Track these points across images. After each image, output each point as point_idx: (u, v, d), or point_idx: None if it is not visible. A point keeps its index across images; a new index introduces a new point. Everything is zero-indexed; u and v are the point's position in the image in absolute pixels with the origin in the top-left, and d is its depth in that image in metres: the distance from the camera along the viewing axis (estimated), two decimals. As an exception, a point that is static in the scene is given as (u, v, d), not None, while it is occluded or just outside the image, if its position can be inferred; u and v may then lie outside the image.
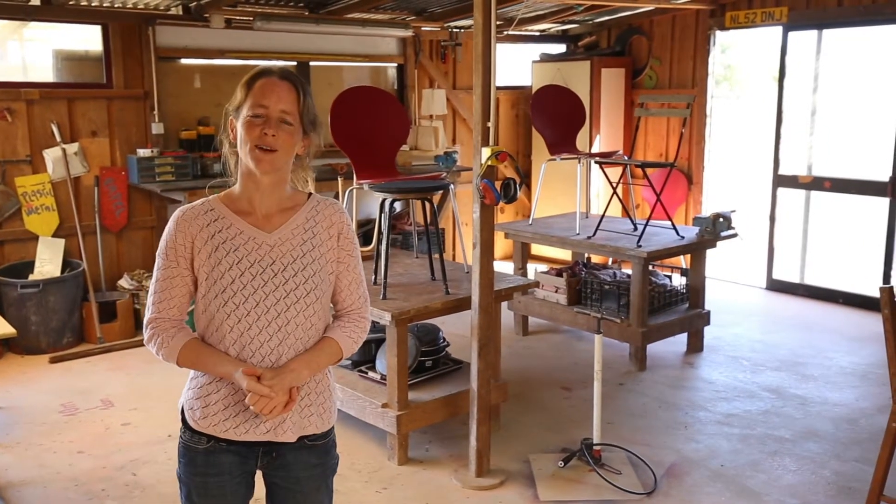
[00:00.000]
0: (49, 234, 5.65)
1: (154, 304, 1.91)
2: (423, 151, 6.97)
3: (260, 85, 1.85)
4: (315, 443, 2.00)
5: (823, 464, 3.81)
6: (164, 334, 1.89)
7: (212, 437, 1.92)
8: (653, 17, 7.52)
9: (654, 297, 5.23)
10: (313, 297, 1.91)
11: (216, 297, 1.87)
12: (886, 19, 6.07)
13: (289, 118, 1.86)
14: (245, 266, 1.87)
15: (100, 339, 5.52)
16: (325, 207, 1.99)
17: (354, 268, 2.02)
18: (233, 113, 1.91)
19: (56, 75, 5.86)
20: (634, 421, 4.32)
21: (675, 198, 7.43)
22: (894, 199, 6.05)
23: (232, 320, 1.87)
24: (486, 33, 3.25)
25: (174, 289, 1.89)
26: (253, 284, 1.87)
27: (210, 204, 1.93)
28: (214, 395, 1.91)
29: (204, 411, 1.91)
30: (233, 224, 1.90)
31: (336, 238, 1.97)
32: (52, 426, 4.26)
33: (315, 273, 1.92)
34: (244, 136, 1.85)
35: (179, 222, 1.89)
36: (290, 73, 1.90)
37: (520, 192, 3.51)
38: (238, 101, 1.89)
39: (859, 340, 5.60)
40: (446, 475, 3.73)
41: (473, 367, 3.62)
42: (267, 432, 1.91)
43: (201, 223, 1.89)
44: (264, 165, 1.85)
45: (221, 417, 1.90)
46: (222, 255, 1.87)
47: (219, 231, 1.89)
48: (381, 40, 7.12)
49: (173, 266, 1.89)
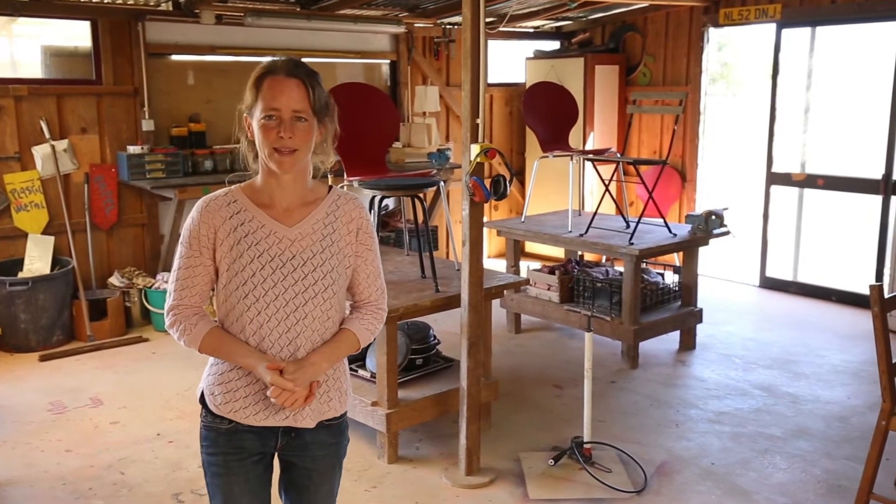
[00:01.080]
0: (38, 231, 5.62)
1: (176, 291, 1.93)
2: (416, 148, 6.95)
3: (268, 85, 1.86)
4: (332, 422, 2.05)
5: (814, 462, 3.80)
6: (186, 321, 1.92)
7: (232, 421, 1.96)
8: (647, 14, 7.50)
9: (647, 294, 5.22)
10: (331, 292, 1.95)
11: (237, 288, 1.90)
12: (880, 16, 6.06)
13: (302, 115, 1.87)
14: (266, 259, 1.90)
15: (90, 337, 5.49)
16: (345, 203, 2.02)
17: (372, 261, 2.06)
18: (246, 111, 1.92)
19: (45, 71, 5.82)
20: (626, 419, 4.31)
21: (669, 195, 7.42)
22: (887, 196, 6.04)
23: (252, 312, 1.90)
24: (474, 29, 3.22)
25: (196, 277, 1.92)
26: (273, 278, 1.90)
27: (233, 195, 1.95)
28: (235, 383, 1.95)
29: (225, 397, 1.95)
30: (255, 217, 1.92)
31: (355, 234, 2.01)
32: (40, 425, 4.23)
33: (333, 268, 1.96)
34: (262, 140, 1.87)
35: (203, 212, 1.91)
36: (296, 68, 1.89)
37: (510, 189, 3.49)
38: (249, 102, 1.90)
39: (852, 338, 5.59)
40: (436, 474, 3.71)
41: (463, 365, 3.60)
42: (286, 418, 1.96)
43: (225, 215, 1.91)
44: (285, 166, 1.88)
45: (242, 405, 1.94)
46: (244, 247, 1.89)
47: (241, 224, 1.91)
48: (373, 37, 7.09)
49: (196, 255, 1.91)
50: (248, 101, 1.90)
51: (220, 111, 6.24)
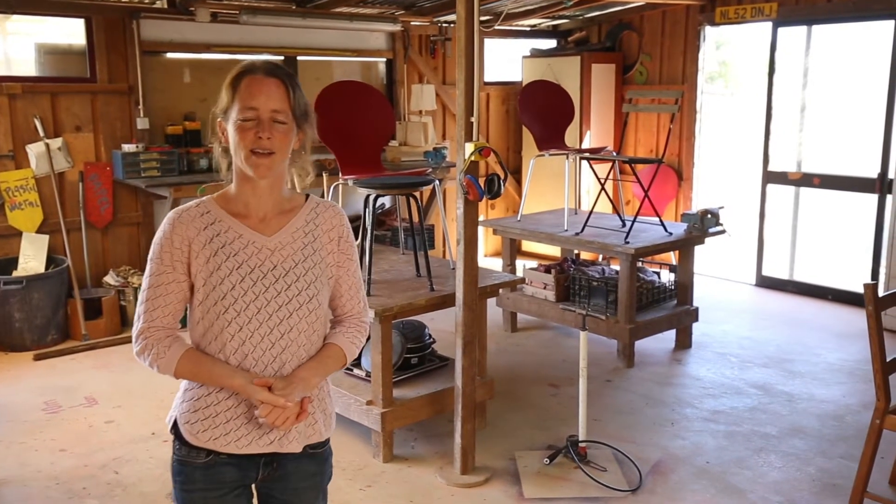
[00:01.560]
0: (33, 230, 5.60)
1: (146, 313, 1.79)
2: (412, 147, 6.94)
3: (246, 84, 1.77)
4: (315, 451, 1.94)
5: (809, 460, 3.80)
6: (158, 345, 1.79)
7: (211, 451, 1.83)
8: (643, 13, 7.50)
9: (643, 293, 5.22)
10: (316, 303, 1.85)
11: (215, 303, 1.78)
12: (875, 15, 6.06)
13: (281, 117, 1.78)
14: (245, 271, 1.79)
15: (84, 336, 5.47)
16: (325, 210, 1.92)
17: (354, 272, 1.96)
18: (221, 115, 1.82)
19: (39, 69, 5.79)
20: (621, 418, 4.30)
21: (665, 194, 7.42)
22: (882, 195, 6.05)
23: (233, 328, 1.78)
24: (468, 27, 3.21)
25: (169, 295, 1.79)
26: (254, 290, 1.79)
27: (205, 206, 1.84)
28: (214, 408, 1.82)
29: (203, 424, 1.81)
30: (230, 227, 1.81)
31: (337, 242, 1.91)
32: (35, 424, 4.22)
33: (317, 278, 1.86)
34: (238, 142, 1.77)
35: (176, 224, 1.79)
36: (276, 68, 1.82)
37: (504, 188, 3.48)
38: (225, 103, 1.80)
39: (847, 337, 5.59)
40: (431, 473, 3.70)
41: (458, 364, 3.59)
42: (271, 443, 1.84)
43: (198, 226, 1.80)
44: (262, 170, 1.77)
45: (222, 431, 1.81)
46: (221, 259, 1.78)
47: (216, 235, 1.80)
48: (369, 35, 7.08)
49: (168, 271, 1.78)
50: (224, 103, 1.80)
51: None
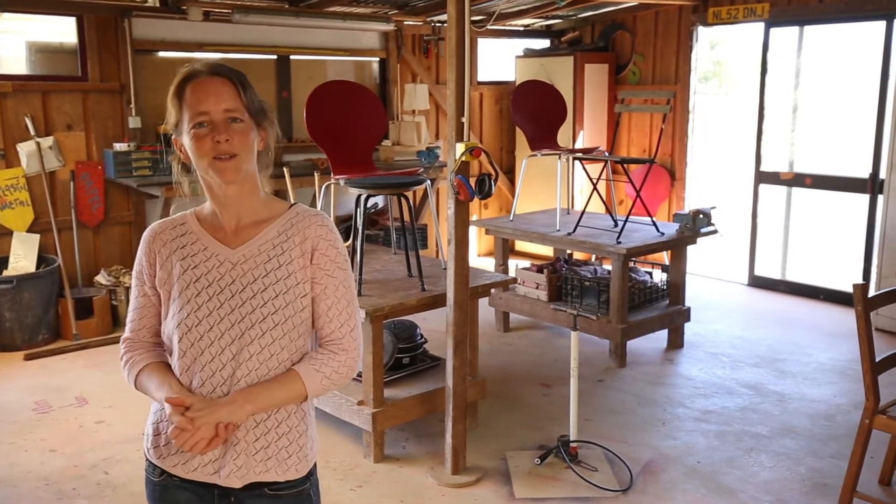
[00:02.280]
0: (24, 229, 5.58)
1: (128, 324, 1.81)
2: (405, 147, 6.93)
3: (191, 90, 1.64)
4: (279, 492, 1.72)
5: (799, 460, 3.81)
6: (131, 354, 1.77)
7: (164, 472, 1.74)
8: (636, 13, 7.50)
9: (635, 293, 5.22)
10: (271, 323, 1.66)
11: (171, 317, 1.70)
12: (867, 16, 6.07)
13: (236, 115, 1.65)
14: (203, 285, 1.67)
15: (76, 335, 5.46)
16: (302, 220, 1.73)
17: (335, 290, 1.73)
18: (174, 131, 1.70)
19: (30, 68, 5.77)
20: (613, 418, 4.31)
21: (658, 194, 7.43)
22: (874, 195, 6.06)
23: (184, 344, 1.67)
24: (459, 27, 3.21)
25: (142, 308, 1.77)
26: (208, 306, 1.66)
27: (184, 218, 1.78)
28: (162, 424, 1.72)
29: (154, 440, 1.74)
30: (199, 240, 1.72)
31: (309, 255, 1.71)
32: (25, 424, 4.20)
33: (278, 295, 1.67)
34: (196, 153, 1.64)
35: (145, 239, 1.77)
36: (219, 67, 1.70)
37: (495, 188, 3.48)
38: (174, 118, 1.67)
39: (839, 337, 5.61)
40: (422, 473, 3.70)
41: (449, 364, 3.59)
42: (214, 473, 1.69)
43: (166, 238, 1.74)
44: (230, 174, 1.64)
45: (170, 450, 1.70)
46: (179, 272, 1.70)
47: (182, 247, 1.72)
48: (362, 34, 7.07)
49: (140, 285, 1.78)
50: (173, 117, 1.68)
51: (207, 109, 6.19)
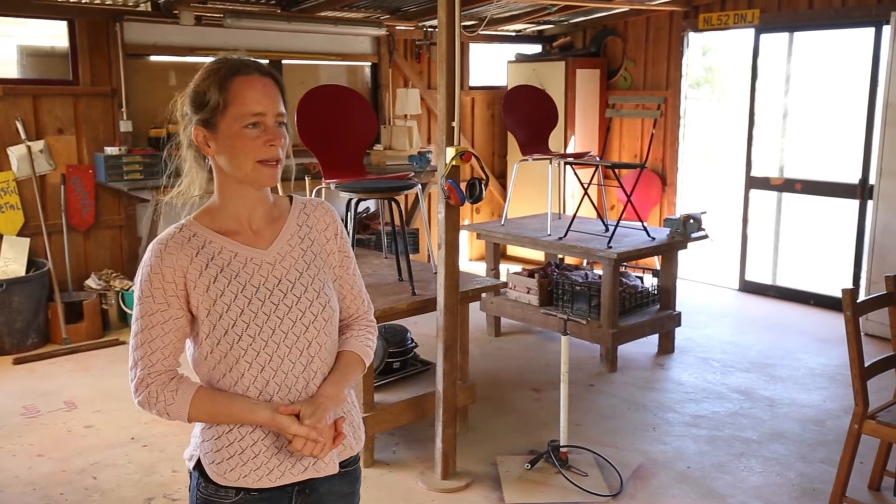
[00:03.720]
0: (14, 233, 5.56)
1: (143, 359, 1.60)
2: (397, 151, 6.93)
3: (243, 86, 1.58)
4: (347, 468, 1.77)
5: (789, 465, 3.82)
6: (163, 392, 1.60)
7: (241, 489, 1.65)
8: (627, 19, 7.53)
9: (625, 298, 5.23)
10: (330, 310, 1.69)
11: (225, 333, 1.59)
12: (856, 22, 6.11)
13: (284, 120, 1.64)
14: (250, 292, 1.61)
15: (65, 339, 5.43)
16: (315, 209, 1.77)
17: (355, 270, 1.83)
18: (200, 122, 1.61)
19: (21, 71, 5.76)
20: (603, 423, 4.31)
21: (650, 199, 7.45)
22: (863, 201, 6.09)
23: (249, 355, 1.60)
24: (449, 31, 3.21)
25: (167, 335, 1.60)
26: (264, 311, 1.62)
27: (189, 229, 1.64)
28: (239, 444, 1.64)
29: (230, 463, 1.63)
30: (224, 247, 1.63)
31: (334, 240, 1.77)
32: (13, 429, 4.18)
33: (325, 283, 1.71)
34: (242, 152, 1.58)
35: (164, 256, 1.59)
36: (268, 68, 1.66)
37: (485, 193, 3.48)
38: (212, 108, 1.59)
39: (829, 342, 5.63)
40: (412, 477, 3.70)
41: (439, 368, 3.59)
42: (305, 469, 1.67)
43: (189, 252, 1.60)
44: (273, 179, 1.62)
45: (252, 467, 1.63)
46: (223, 284, 1.60)
47: (211, 259, 1.61)
48: (354, 39, 7.08)
49: (163, 309, 1.59)
50: (210, 106, 1.59)
51: (199, 113, 6.19)
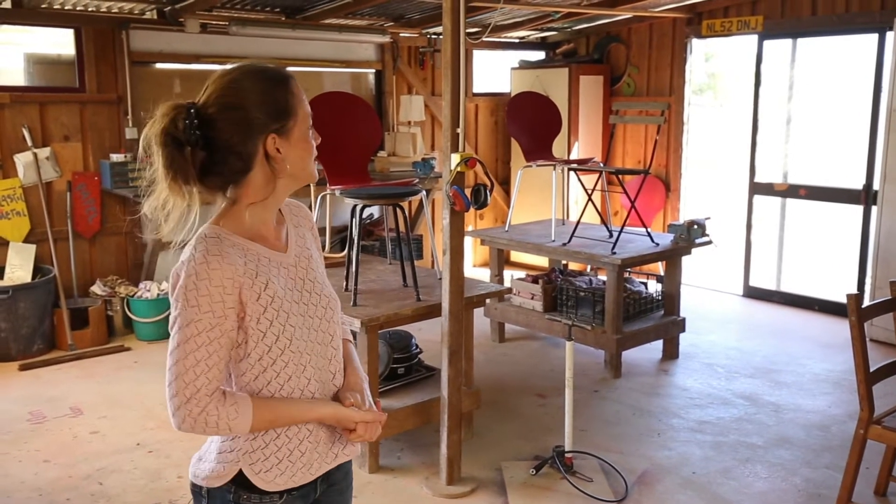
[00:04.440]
0: (20, 239, 5.58)
1: (199, 378, 1.52)
2: (401, 158, 6.95)
3: (299, 92, 1.65)
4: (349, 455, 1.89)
5: (794, 471, 3.81)
6: (221, 408, 1.54)
7: (285, 492, 1.68)
8: (630, 26, 7.55)
9: (630, 303, 5.23)
10: (335, 302, 1.77)
11: (276, 340, 1.60)
12: (859, 29, 6.12)
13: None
14: (289, 297, 1.65)
15: (71, 346, 5.45)
16: (298, 209, 1.84)
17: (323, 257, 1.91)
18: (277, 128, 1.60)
19: (28, 79, 5.80)
20: (608, 428, 4.31)
21: (653, 205, 7.45)
22: (867, 206, 6.09)
23: (294, 358, 1.64)
24: (454, 39, 3.23)
25: (223, 350, 1.55)
26: (299, 313, 1.66)
27: (227, 238, 1.60)
28: (288, 447, 1.66)
29: (279, 468, 1.65)
30: (259, 254, 1.63)
31: (313, 233, 1.84)
32: (19, 434, 4.19)
33: (325, 276, 1.79)
34: (309, 153, 1.67)
35: (222, 264, 1.54)
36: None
37: (490, 198, 3.50)
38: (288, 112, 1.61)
39: (833, 347, 5.62)
40: (417, 483, 3.70)
41: (444, 374, 3.59)
42: (336, 456, 1.76)
43: (239, 261, 1.57)
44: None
45: (299, 465, 1.67)
46: (272, 292, 1.60)
47: (256, 266, 1.61)
48: (358, 46, 7.10)
49: (220, 323, 1.54)
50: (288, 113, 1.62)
51: (204, 120, 6.22)
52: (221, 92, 1.61)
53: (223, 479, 1.65)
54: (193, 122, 1.57)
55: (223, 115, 1.59)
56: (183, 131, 1.56)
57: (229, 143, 1.59)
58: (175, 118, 1.57)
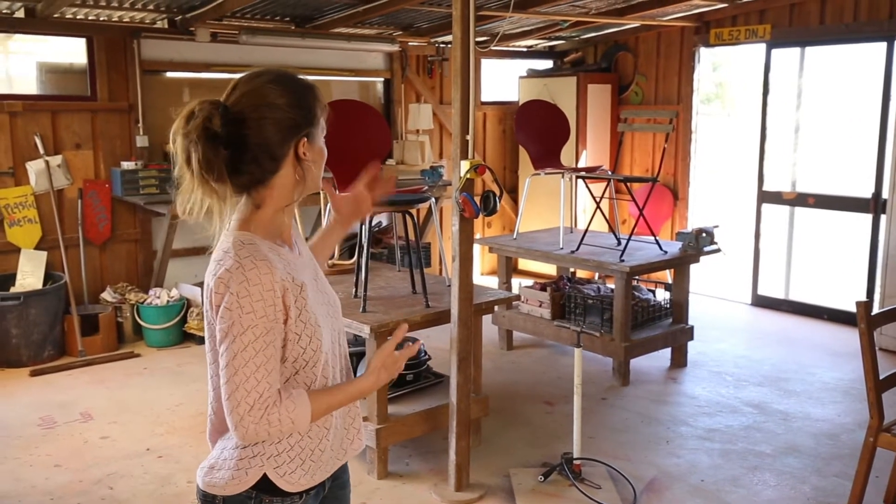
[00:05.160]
0: (31, 246, 5.62)
1: (259, 384, 1.53)
2: (409, 166, 6.98)
3: (322, 97, 1.71)
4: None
5: (803, 479, 3.80)
6: (282, 408, 1.56)
7: (304, 491, 1.71)
8: (638, 34, 7.57)
9: (638, 311, 5.23)
10: (337, 297, 1.86)
11: (310, 341, 1.64)
12: (867, 37, 6.13)
13: None
14: (314, 298, 1.69)
15: (81, 352, 5.48)
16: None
17: None
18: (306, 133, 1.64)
19: (40, 87, 5.85)
20: (616, 436, 4.31)
21: (661, 213, 7.46)
22: (876, 215, 6.08)
23: (323, 355, 1.68)
24: (464, 47, 3.26)
25: (278, 351, 1.59)
26: (322, 312, 1.70)
27: (263, 244, 1.62)
28: (309, 447, 1.70)
29: (303, 468, 1.69)
30: (287, 258, 1.66)
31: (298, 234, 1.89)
32: (30, 439, 4.22)
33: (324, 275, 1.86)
34: (323, 158, 1.71)
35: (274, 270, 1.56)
36: None
37: (499, 205, 3.51)
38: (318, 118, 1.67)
39: (843, 356, 5.61)
40: (426, 489, 3.71)
41: (452, 380, 3.60)
42: (346, 453, 1.85)
43: (280, 264, 1.61)
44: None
45: (319, 465, 1.73)
46: (308, 292, 1.65)
47: (288, 269, 1.63)
48: (367, 55, 7.15)
49: (274, 328, 1.56)
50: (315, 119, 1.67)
51: (214, 128, 6.27)
52: (257, 93, 1.61)
53: (245, 484, 1.65)
54: (228, 119, 1.58)
55: (258, 115, 1.59)
56: (220, 127, 1.56)
57: (265, 142, 1.60)
58: (210, 114, 1.56)
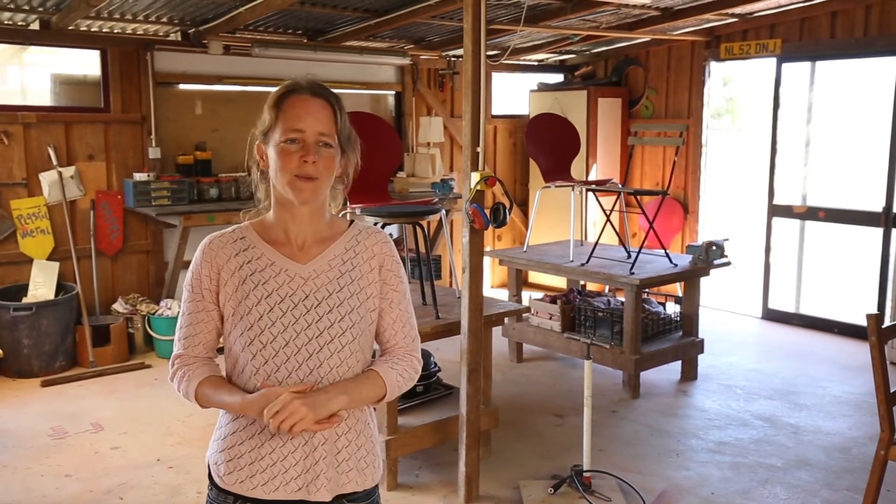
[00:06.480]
0: (44, 257, 5.66)
1: (180, 341, 1.76)
2: (420, 178, 7.01)
3: (291, 104, 1.66)
4: (356, 502, 1.77)
5: (814, 492, 3.78)
6: (185, 369, 1.74)
7: (238, 497, 1.71)
8: (649, 48, 7.59)
9: (648, 324, 5.22)
10: (350, 336, 1.71)
11: (242, 334, 1.68)
12: (878, 52, 6.13)
13: (328, 140, 1.68)
14: (275, 300, 1.68)
15: (92, 362, 5.51)
16: (367, 237, 1.80)
17: (399, 303, 1.81)
18: (260, 137, 1.72)
19: (54, 99, 5.91)
20: (626, 448, 4.29)
21: (672, 226, 7.45)
22: (887, 229, 6.06)
23: (258, 360, 1.67)
24: (475, 60, 3.28)
25: (199, 324, 1.74)
26: (283, 321, 1.67)
27: (241, 232, 1.76)
28: (239, 448, 1.71)
29: (228, 465, 1.71)
30: (264, 254, 1.72)
31: (378, 270, 1.78)
32: (41, 449, 4.23)
33: (353, 309, 1.72)
34: (280, 165, 1.66)
35: (206, 251, 1.73)
36: (321, 88, 1.71)
37: (509, 217, 3.52)
38: (267, 125, 1.69)
39: (853, 370, 5.58)
40: (435, 501, 3.70)
41: (463, 392, 3.61)
42: (298, 490, 1.69)
43: (229, 252, 1.72)
44: (306, 195, 1.67)
45: (248, 473, 1.70)
46: (250, 287, 1.69)
47: (248, 262, 1.71)
48: (379, 68, 7.19)
49: (198, 300, 1.73)
50: (266, 123, 1.70)
51: (226, 140, 6.32)
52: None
53: (206, 464, 1.82)
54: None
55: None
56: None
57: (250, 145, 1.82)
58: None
